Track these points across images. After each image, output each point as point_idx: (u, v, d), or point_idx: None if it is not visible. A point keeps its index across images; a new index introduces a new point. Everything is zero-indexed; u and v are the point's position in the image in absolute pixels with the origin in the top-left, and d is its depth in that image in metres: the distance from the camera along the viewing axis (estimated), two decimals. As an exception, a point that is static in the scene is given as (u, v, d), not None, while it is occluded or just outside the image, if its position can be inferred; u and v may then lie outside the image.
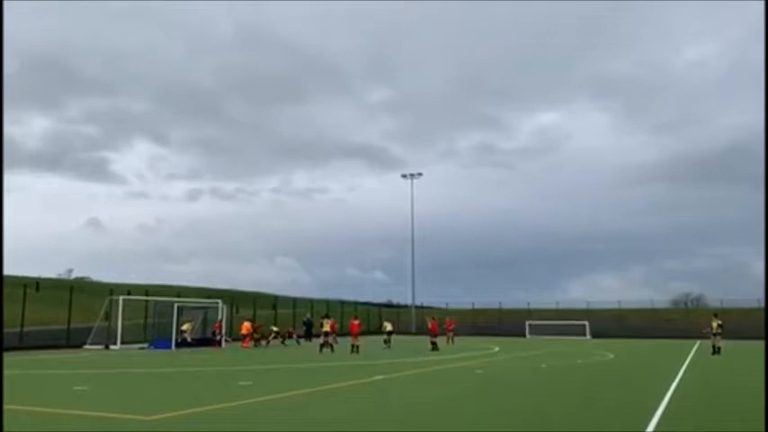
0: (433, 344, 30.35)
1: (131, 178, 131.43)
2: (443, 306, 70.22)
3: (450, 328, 39.94)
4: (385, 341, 32.41)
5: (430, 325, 31.83)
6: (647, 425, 8.87)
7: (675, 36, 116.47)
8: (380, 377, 16.41)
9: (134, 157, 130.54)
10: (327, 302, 58.67)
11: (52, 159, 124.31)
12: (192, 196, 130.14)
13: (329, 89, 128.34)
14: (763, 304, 55.56)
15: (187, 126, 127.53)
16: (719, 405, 11.73)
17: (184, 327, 33.29)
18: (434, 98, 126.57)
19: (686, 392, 13.37)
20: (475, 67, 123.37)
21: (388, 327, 33.85)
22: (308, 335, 39.52)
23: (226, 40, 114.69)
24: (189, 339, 32.85)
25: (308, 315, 43.19)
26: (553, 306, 62.78)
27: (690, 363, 22.58)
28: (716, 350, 26.24)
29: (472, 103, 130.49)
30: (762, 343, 42.46)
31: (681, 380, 16.16)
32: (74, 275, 78.39)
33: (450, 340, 39.08)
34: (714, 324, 26.87)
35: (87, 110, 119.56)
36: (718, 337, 26.57)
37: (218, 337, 33.85)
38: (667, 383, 14.92)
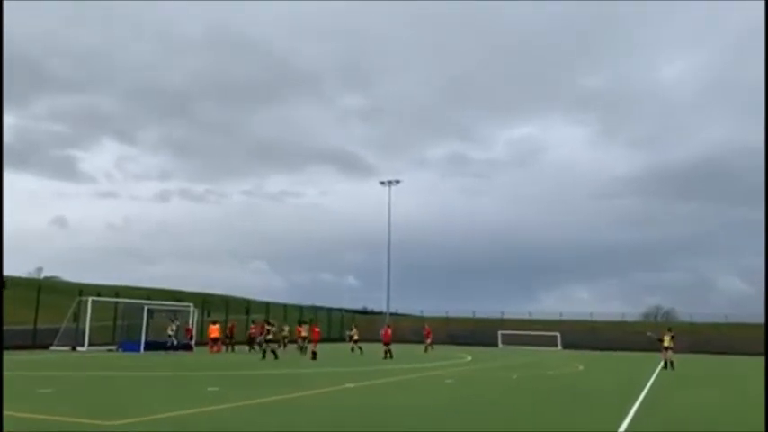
0: (386, 352, 30.10)
1: (100, 177, 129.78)
2: (418, 314, 70.32)
3: (429, 335, 40.06)
4: (352, 348, 32.40)
5: (382, 332, 31.97)
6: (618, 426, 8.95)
7: (651, 52, 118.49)
8: (351, 385, 16.33)
9: (103, 157, 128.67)
10: (301, 308, 58.31)
11: (18, 157, 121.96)
12: (162, 197, 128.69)
13: (302, 94, 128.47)
14: (729, 320, 56.66)
15: (157, 127, 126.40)
16: (687, 409, 11.88)
17: (170, 329, 32.84)
18: (409, 107, 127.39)
19: (653, 404, 13.52)
20: (451, 78, 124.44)
21: (355, 334, 34.34)
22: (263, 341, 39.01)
23: (197, 41, 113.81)
24: (175, 342, 32.40)
25: (258, 321, 42.71)
26: (526, 316, 63.22)
27: (656, 377, 22.84)
28: (667, 364, 26.29)
29: (447, 113, 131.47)
30: (727, 357, 43.23)
31: (646, 395, 16.33)
32: (43, 275, 76.97)
33: (428, 347, 39.23)
34: (666, 338, 26.97)
35: (55, 108, 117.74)
36: (670, 352, 26.70)
37: (191, 341, 33.48)
38: (635, 396, 15.06)
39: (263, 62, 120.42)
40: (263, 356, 27.30)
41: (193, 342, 33.78)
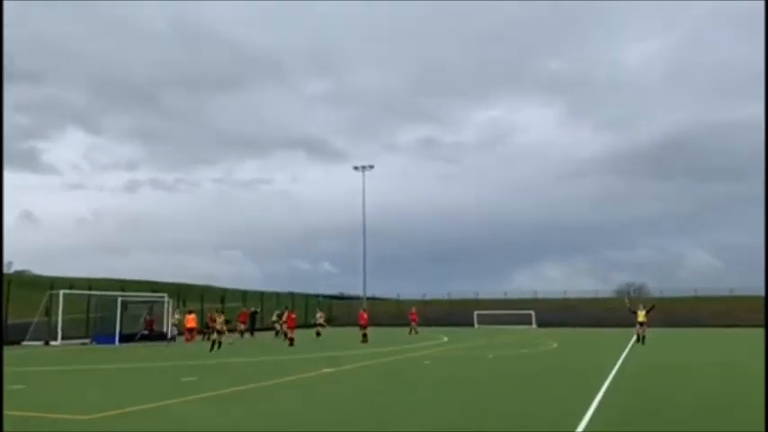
0: (363, 335, 30.41)
1: (65, 169, 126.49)
2: (395, 297, 70.67)
3: (414, 319, 40.77)
4: (317, 333, 32.44)
5: (360, 317, 32.02)
6: (588, 404, 9.16)
7: (618, 34, 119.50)
8: (330, 370, 16.42)
9: (67, 147, 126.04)
10: (278, 295, 58.20)
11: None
12: (131, 187, 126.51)
13: (268, 80, 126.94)
14: (698, 293, 58.03)
15: (123, 116, 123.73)
16: (657, 384, 12.20)
17: (176, 318, 32.23)
18: (377, 92, 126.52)
19: (625, 377, 13.86)
20: (419, 61, 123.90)
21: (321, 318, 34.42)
22: (253, 328, 39.04)
23: (159, 30, 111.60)
24: (146, 332, 32.14)
25: (254, 308, 42.63)
26: (501, 296, 63.96)
27: (629, 351, 23.36)
28: (640, 339, 26.91)
29: (416, 97, 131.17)
30: (693, 330, 44.34)
31: (619, 368, 16.71)
32: (13, 269, 75.52)
33: (413, 330, 39.76)
34: (641, 313, 27.49)
35: (16, 99, 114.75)
36: (645, 327, 27.28)
37: (172, 332, 32.94)
38: (608, 370, 15.41)
39: (227, 49, 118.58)
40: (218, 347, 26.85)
41: (174, 333, 33.03)
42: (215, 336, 25.57)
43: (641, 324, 27.28)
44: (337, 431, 8.19)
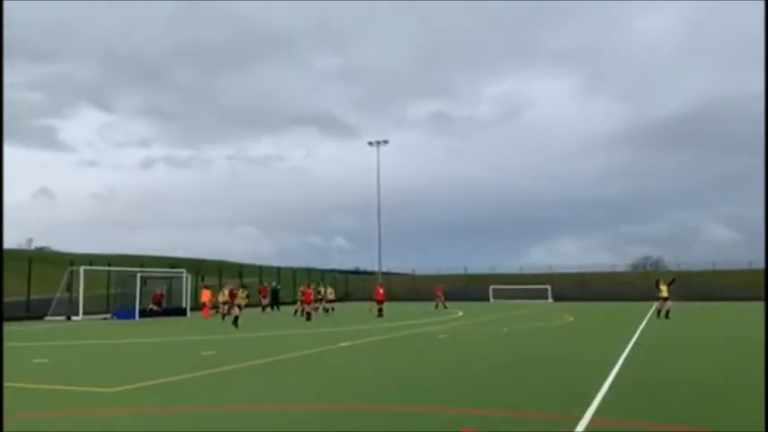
0: (379, 310, 30.66)
1: (81, 146, 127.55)
2: (410, 272, 70.96)
3: (440, 294, 41.34)
4: (325, 309, 32.52)
5: (376, 292, 32.17)
6: (605, 376, 9.20)
7: (635, 4, 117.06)
8: (345, 344, 16.58)
9: (82, 125, 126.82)
10: (294, 271, 58.62)
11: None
12: (146, 164, 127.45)
13: (279, 56, 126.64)
14: (717, 267, 57.61)
15: (135, 94, 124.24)
16: (674, 357, 12.19)
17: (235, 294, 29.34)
18: (389, 67, 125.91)
19: (640, 350, 13.86)
20: (431, 35, 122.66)
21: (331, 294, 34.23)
22: (275, 303, 39.55)
23: (170, 7, 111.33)
24: (154, 308, 32.24)
25: (275, 283, 43.12)
26: (517, 271, 63.94)
27: (646, 324, 23.32)
28: (661, 313, 26.63)
29: (427, 71, 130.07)
30: (711, 304, 44.09)
31: (636, 340, 16.70)
32: (34, 245, 76.67)
33: (440, 304, 40.24)
34: (663, 287, 27.21)
35: (30, 77, 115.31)
36: (668, 302, 27.01)
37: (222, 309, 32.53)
38: (625, 342, 15.42)
39: (237, 26, 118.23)
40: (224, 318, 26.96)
41: (224, 310, 31.71)
42: (236, 311, 24.87)
43: (665, 299, 27.02)
44: (350, 402, 8.30)
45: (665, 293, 27.09)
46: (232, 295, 29.72)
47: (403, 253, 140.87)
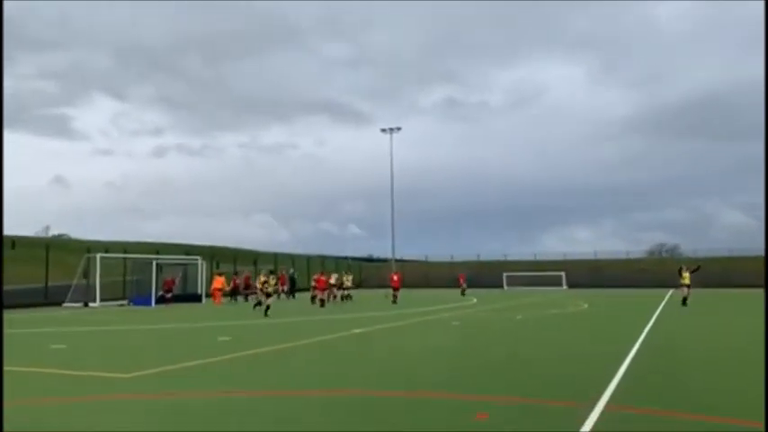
0: (394, 297, 30.80)
1: (95, 135, 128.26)
2: (423, 259, 70.95)
3: (463, 280, 42.08)
4: (343, 297, 32.39)
5: (392, 279, 32.28)
6: (616, 369, 9.16)
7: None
8: (359, 330, 16.65)
9: (95, 114, 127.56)
10: (308, 258, 58.85)
11: (12, 116, 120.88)
12: (159, 153, 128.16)
13: (290, 45, 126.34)
14: (733, 253, 57.06)
15: (147, 82, 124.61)
16: (689, 344, 12.13)
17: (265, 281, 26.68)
18: (400, 54, 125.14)
19: (655, 338, 13.78)
20: (443, 21, 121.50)
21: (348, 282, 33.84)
22: (292, 290, 39.71)
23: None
24: (167, 295, 32.48)
25: (292, 270, 43.27)
26: (530, 258, 63.73)
27: (661, 312, 23.18)
28: (685, 300, 26.40)
29: (438, 57, 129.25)
30: (727, 291, 43.71)
31: (651, 328, 16.61)
32: (51, 233, 77.59)
33: (464, 291, 40.66)
34: (686, 275, 26.87)
35: (42, 67, 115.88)
36: (690, 289, 26.61)
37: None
38: (640, 329, 15.34)
39: (249, 14, 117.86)
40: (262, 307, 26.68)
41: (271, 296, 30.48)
42: (266, 299, 23.43)
43: (687, 286, 26.60)
44: (363, 388, 8.33)
45: (687, 281, 26.69)
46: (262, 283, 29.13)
47: (416, 240, 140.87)
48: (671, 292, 40.50)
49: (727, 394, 7.91)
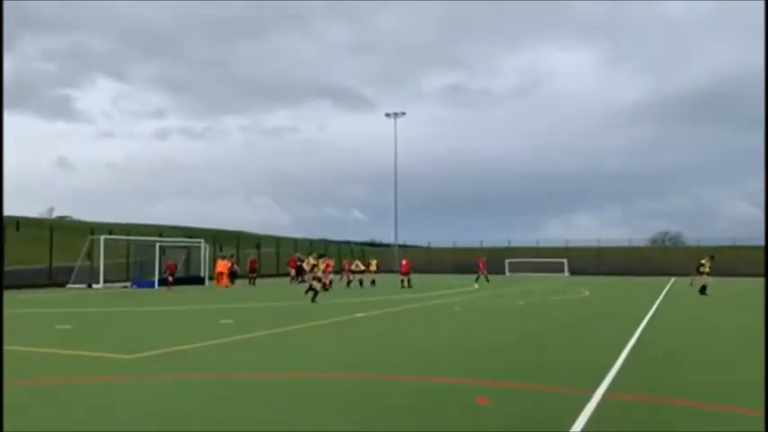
0: (403, 281, 30.93)
1: (97, 116, 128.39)
2: (425, 245, 71.01)
3: (483, 266, 41.14)
4: (360, 282, 32.14)
5: (402, 264, 32.33)
6: (617, 355, 9.20)
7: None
8: (361, 314, 16.72)
9: (97, 96, 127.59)
10: (311, 242, 58.96)
11: (14, 98, 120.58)
12: (161, 135, 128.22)
13: (294, 28, 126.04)
14: (737, 242, 56.94)
15: (149, 64, 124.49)
16: (686, 331, 12.16)
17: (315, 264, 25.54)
18: (405, 38, 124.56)
19: (655, 326, 13.82)
20: (449, 6, 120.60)
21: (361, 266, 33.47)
22: (300, 274, 39.65)
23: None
24: (170, 279, 32.50)
25: (298, 254, 43.26)
26: (533, 244, 63.73)
27: (662, 300, 23.20)
28: (703, 289, 25.46)
29: (446, 43, 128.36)
30: (731, 279, 43.70)
31: (652, 315, 16.64)
32: (55, 215, 77.86)
33: (485, 278, 39.92)
34: (706, 264, 26.08)
35: (44, 48, 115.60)
36: (707, 278, 25.84)
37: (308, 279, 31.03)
38: (641, 317, 15.37)
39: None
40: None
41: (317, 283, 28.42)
42: (316, 284, 21.81)
43: (707, 274, 25.92)
44: (363, 371, 8.38)
45: (707, 269, 26.03)
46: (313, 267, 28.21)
47: (418, 225, 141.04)
48: (673, 280, 40.52)
49: (726, 382, 7.94)
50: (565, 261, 56.61)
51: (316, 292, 21.20)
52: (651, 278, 45.73)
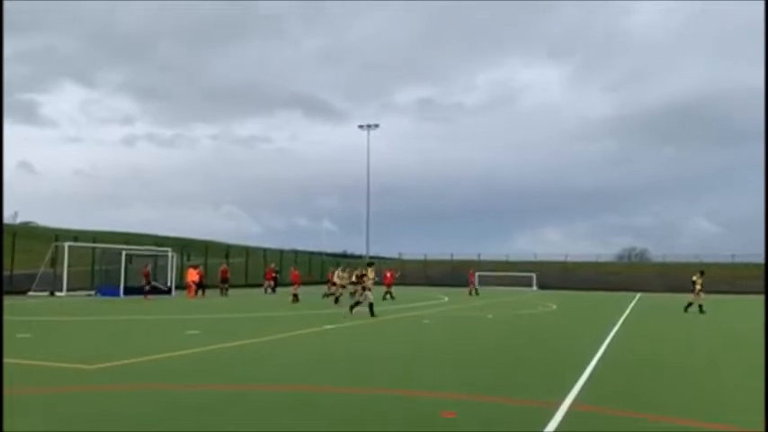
0: (386, 293, 31.01)
1: (63, 121, 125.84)
2: (396, 256, 71.07)
3: (472, 279, 41.22)
4: (388, 294, 31.38)
5: (386, 276, 32.48)
6: (582, 370, 9.28)
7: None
8: (330, 326, 16.61)
9: (63, 100, 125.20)
10: (281, 252, 58.54)
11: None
12: (129, 141, 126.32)
13: (265, 37, 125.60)
14: (700, 259, 58.12)
15: (117, 69, 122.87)
16: (651, 346, 12.33)
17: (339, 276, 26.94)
18: (377, 51, 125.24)
19: (621, 339, 14.00)
20: (421, 20, 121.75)
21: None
22: (275, 286, 39.21)
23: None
24: (147, 287, 31.85)
25: (273, 265, 42.87)
26: (503, 258, 64.25)
27: (628, 314, 23.54)
28: (702, 308, 24.59)
29: (416, 57, 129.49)
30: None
31: (617, 330, 16.86)
32: (18, 220, 75.97)
33: (473, 292, 40.12)
34: (699, 281, 25.36)
35: (9, 50, 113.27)
36: (700, 295, 25.13)
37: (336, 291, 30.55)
38: (605, 332, 15.56)
39: (224, 3, 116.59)
40: (336, 301, 26.02)
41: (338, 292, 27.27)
42: (369, 294, 20.17)
43: (701, 291, 25.14)
44: (328, 384, 8.31)
45: (699, 285, 25.24)
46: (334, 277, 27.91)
47: (390, 238, 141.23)
48: (638, 295, 41.16)
49: (694, 397, 8.06)
50: (533, 275, 57.14)
51: (371, 304, 19.85)
52: (617, 293, 46.39)
